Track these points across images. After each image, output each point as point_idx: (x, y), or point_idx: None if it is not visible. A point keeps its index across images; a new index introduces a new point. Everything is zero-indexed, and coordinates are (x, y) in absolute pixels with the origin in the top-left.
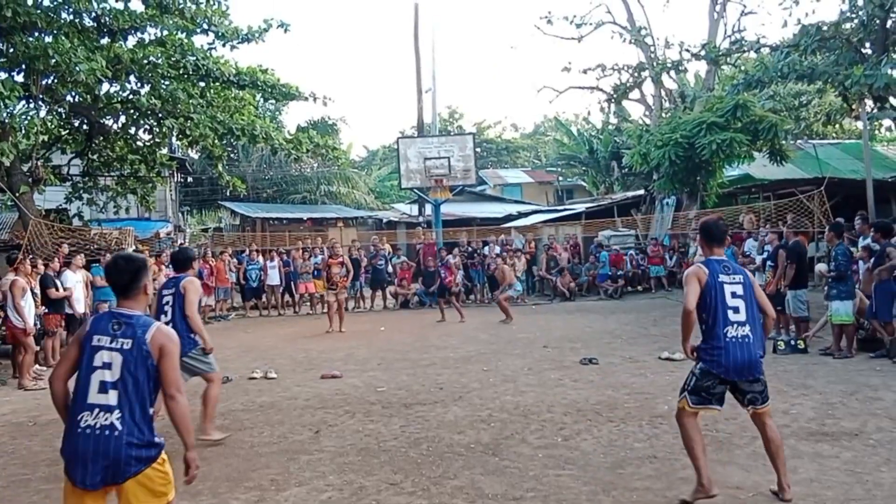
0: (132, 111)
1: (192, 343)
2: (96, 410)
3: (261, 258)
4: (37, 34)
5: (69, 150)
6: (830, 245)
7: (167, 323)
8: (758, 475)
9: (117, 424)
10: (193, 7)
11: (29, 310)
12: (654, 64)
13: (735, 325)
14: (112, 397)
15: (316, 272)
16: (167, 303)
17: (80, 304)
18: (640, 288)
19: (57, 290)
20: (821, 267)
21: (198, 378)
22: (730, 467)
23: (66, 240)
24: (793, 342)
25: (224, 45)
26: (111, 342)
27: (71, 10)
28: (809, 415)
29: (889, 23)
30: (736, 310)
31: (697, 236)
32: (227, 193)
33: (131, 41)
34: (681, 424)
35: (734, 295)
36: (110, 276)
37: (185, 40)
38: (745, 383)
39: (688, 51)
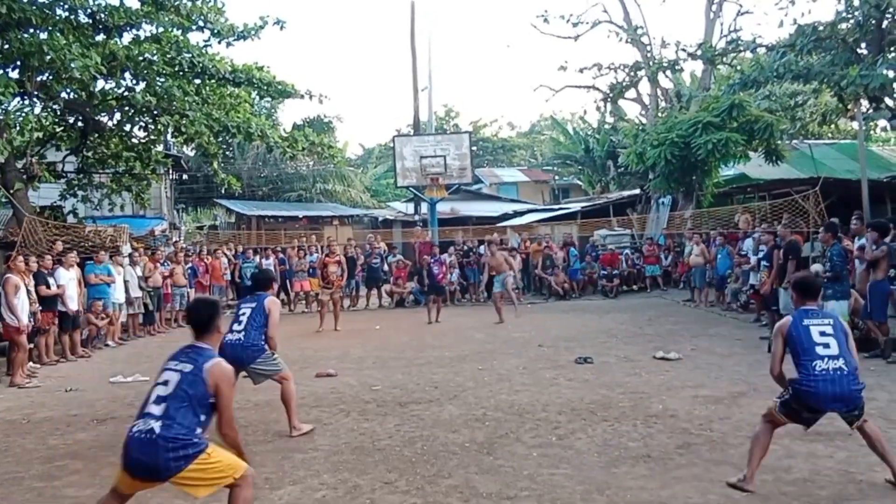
0: (127, 108)
1: (261, 350)
2: (147, 418)
3: (256, 256)
4: (32, 31)
5: (64, 147)
6: (825, 245)
7: (240, 332)
8: None
9: (156, 429)
10: (189, 4)
11: (22, 307)
12: (651, 63)
13: (826, 359)
14: (160, 408)
15: (312, 270)
16: (244, 314)
17: (73, 302)
18: (635, 287)
19: (48, 287)
20: (816, 267)
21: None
22: (723, 467)
23: (61, 237)
24: None
25: (220, 43)
26: (176, 365)
27: (66, 6)
28: None
29: (885, 23)
30: (826, 345)
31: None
32: (223, 191)
33: (126, 38)
34: (763, 422)
35: (823, 333)
36: (190, 317)
37: (181, 37)
38: (841, 413)
39: (684, 50)
